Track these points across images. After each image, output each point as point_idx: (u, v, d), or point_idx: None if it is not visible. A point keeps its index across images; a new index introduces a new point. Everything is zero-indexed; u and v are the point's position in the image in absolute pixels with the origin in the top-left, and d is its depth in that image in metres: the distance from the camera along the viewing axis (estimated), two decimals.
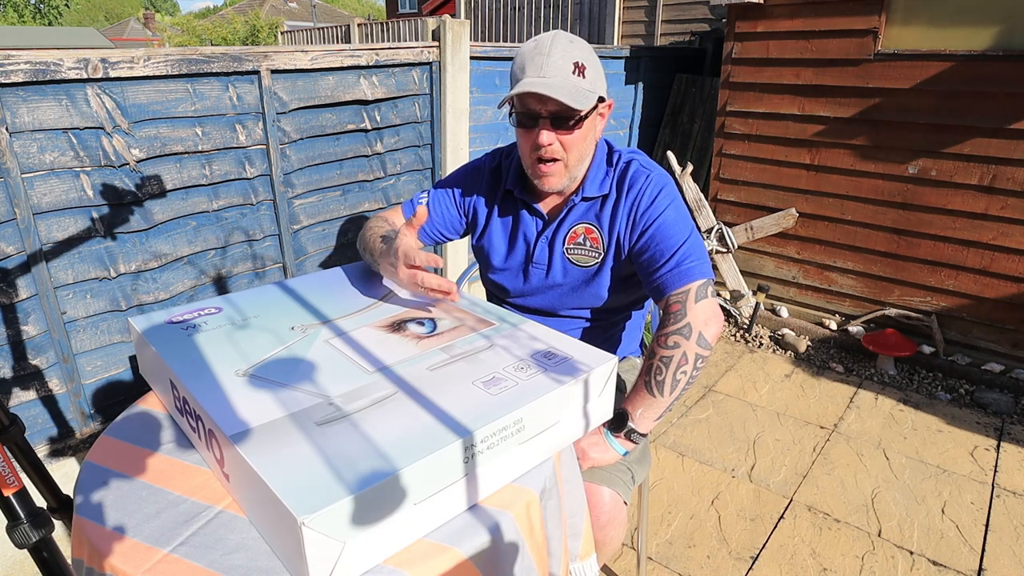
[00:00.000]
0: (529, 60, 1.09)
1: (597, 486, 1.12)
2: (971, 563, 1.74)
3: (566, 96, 1.06)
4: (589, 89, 1.11)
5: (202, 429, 0.84)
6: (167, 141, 1.77)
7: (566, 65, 1.08)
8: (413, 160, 2.51)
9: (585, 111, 1.11)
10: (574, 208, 1.25)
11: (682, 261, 1.12)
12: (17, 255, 1.60)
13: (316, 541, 0.64)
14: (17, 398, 1.69)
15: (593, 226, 1.24)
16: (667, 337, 1.09)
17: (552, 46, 1.08)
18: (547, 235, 1.27)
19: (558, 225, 1.26)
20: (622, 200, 1.21)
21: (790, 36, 2.87)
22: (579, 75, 1.09)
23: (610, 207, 1.22)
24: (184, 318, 1.07)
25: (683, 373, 1.07)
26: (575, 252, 1.25)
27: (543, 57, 1.08)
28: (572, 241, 1.25)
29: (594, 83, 1.12)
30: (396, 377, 0.89)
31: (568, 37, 1.11)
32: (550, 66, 1.08)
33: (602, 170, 1.24)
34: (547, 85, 1.06)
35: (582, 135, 1.14)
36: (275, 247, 2.13)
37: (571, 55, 1.09)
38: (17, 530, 0.72)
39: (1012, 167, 2.45)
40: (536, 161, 1.16)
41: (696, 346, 1.08)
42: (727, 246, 3.12)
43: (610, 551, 1.20)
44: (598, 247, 1.23)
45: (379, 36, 7.00)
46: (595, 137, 1.21)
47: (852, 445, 2.25)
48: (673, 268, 1.12)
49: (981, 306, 2.65)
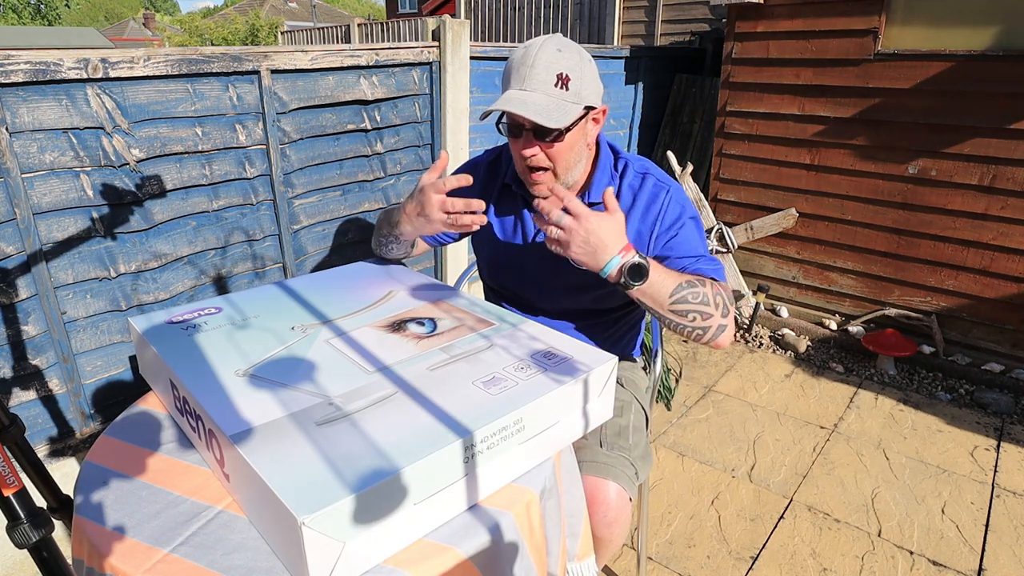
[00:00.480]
0: (514, 70, 1.09)
1: (603, 480, 1.12)
2: (971, 563, 1.74)
3: (541, 116, 1.05)
4: (572, 101, 1.09)
5: (202, 429, 0.84)
6: (167, 141, 1.77)
7: (548, 78, 1.07)
8: (413, 160, 2.51)
9: (564, 126, 1.09)
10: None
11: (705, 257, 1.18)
12: (17, 255, 1.60)
13: (316, 541, 0.64)
14: (17, 398, 1.69)
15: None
16: (716, 293, 1.10)
17: (537, 57, 1.07)
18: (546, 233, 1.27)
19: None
20: (638, 212, 1.21)
21: (790, 36, 2.87)
22: (562, 87, 1.07)
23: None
24: (184, 318, 1.07)
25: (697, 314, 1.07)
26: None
27: (527, 68, 1.07)
28: None
29: (579, 93, 1.10)
30: (396, 377, 0.90)
31: (557, 45, 1.09)
32: (532, 79, 1.07)
33: (607, 175, 1.24)
34: (523, 102, 1.06)
35: (567, 146, 1.13)
36: (275, 247, 2.13)
37: (555, 66, 1.07)
38: (17, 530, 0.72)
39: (1012, 167, 2.45)
40: (526, 169, 1.16)
41: (720, 319, 1.09)
42: (727, 246, 3.12)
43: (614, 549, 1.19)
44: None
45: (379, 36, 7.00)
46: (587, 142, 1.19)
47: (852, 445, 2.25)
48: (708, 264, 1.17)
49: (981, 306, 2.65)
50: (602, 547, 1.15)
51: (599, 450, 1.17)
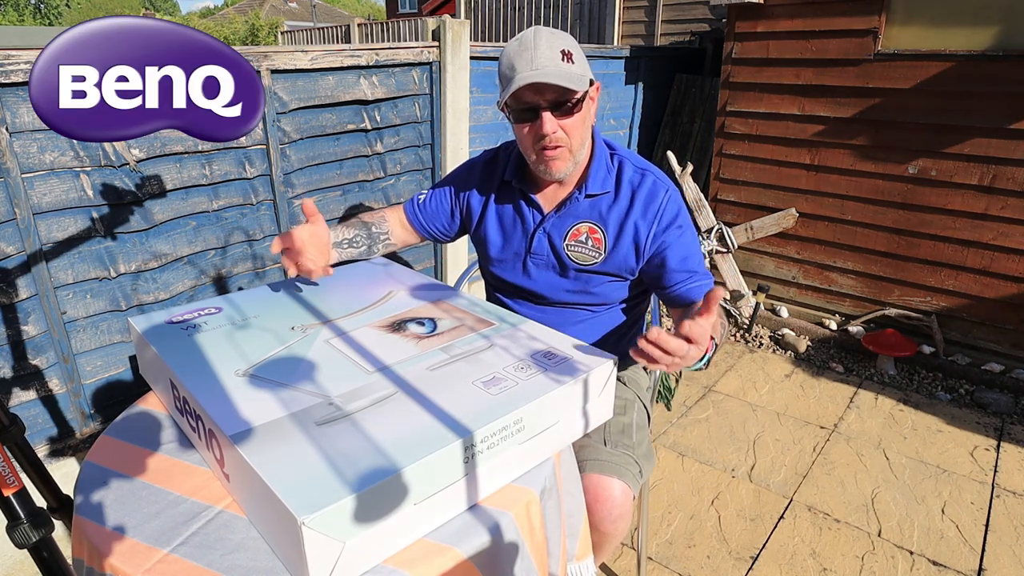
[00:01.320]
0: (517, 57, 1.11)
1: (608, 478, 1.12)
2: (971, 563, 1.74)
3: (564, 80, 1.08)
4: (580, 73, 1.13)
5: (202, 429, 0.84)
6: (167, 141, 1.77)
7: (554, 54, 1.10)
8: (413, 160, 2.51)
9: (581, 93, 1.13)
10: (576, 204, 1.25)
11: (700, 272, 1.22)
12: (17, 255, 1.60)
13: (316, 541, 0.64)
14: (17, 398, 1.69)
15: (597, 226, 1.25)
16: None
17: (536, 39, 1.11)
18: (545, 227, 1.28)
19: (558, 219, 1.27)
20: (636, 209, 1.22)
21: (790, 36, 2.87)
22: (568, 61, 1.12)
23: (619, 211, 1.24)
24: (184, 318, 1.07)
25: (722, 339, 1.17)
26: (575, 249, 1.26)
27: (530, 51, 1.10)
28: (574, 238, 1.26)
29: (583, 67, 1.15)
30: (396, 377, 0.90)
31: (549, 29, 1.13)
32: (540, 58, 1.09)
33: (603, 168, 1.25)
34: (544, 75, 1.08)
35: (581, 118, 1.16)
36: None
37: (557, 44, 1.11)
38: (17, 530, 0.73)
39: (1012, 167, 2.45)
40: (542, 150, 1.17)
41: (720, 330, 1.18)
42: (727, 246, 3.12)
43: (615, 545, 1.20)
44: (600, 247, 1.25)
45: (379, 36, 7.00)
46: (591, 121, 1.23)
47: (852, 445, 2.25)
48: (702, 280, 1.22)
49: (981, 306, 2.65)
50: (606, 543, 1.16)
51: (603, 448, 1.18)
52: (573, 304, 1.31)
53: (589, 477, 1.13)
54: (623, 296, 1.32)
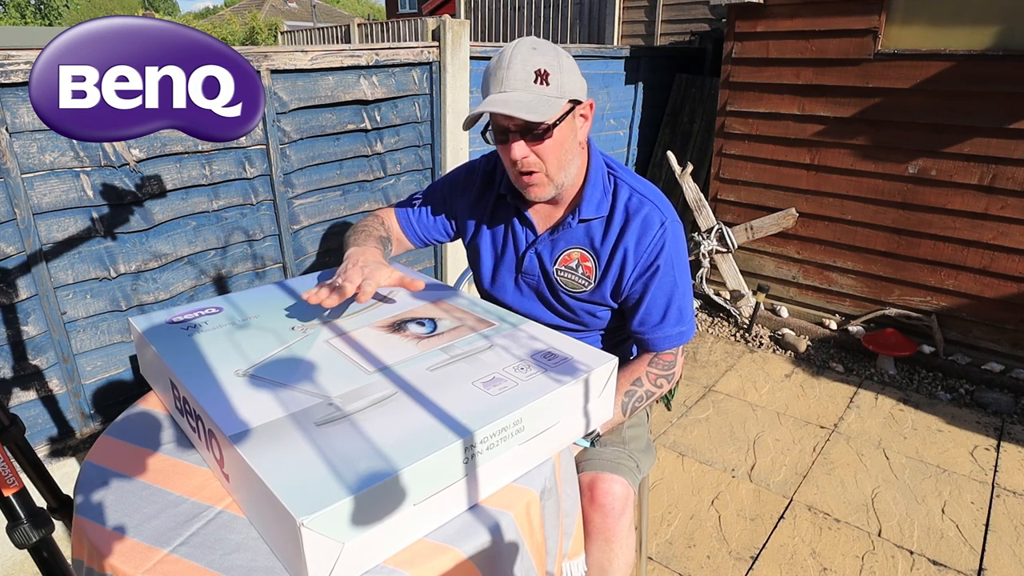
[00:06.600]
0: (492, 75, 1.07)
1: (609, 475, 1.11)
2: (971, 563, 1.74)
3: (524, 111, 1.02)
4: (555, 96, 1.06)
5: (202, 429, 0.84)
6: (167, 141, 1.77)
7: (527, 76, 1.05)
8: (413, 160, 2.51)
9: (551, 120, 1.07)
10: (569, 229, 1.21)
11: (684, 321, 1.20)
12: (17, 255, 1.60)
13: (315, 541, 0.64)
14: (17, 398, 1.69)
15: (588, 254, 1.20)
16: (657, 377, 1.21)
17: (512, 58, 1.05)
18: (536, 249, 1.24)
19: (550, 242, 1.23)
20: (629, 239, 1.16)
21: (790, 36, 2.87)
22: (542, 83, 1.05)
23: (612, 239, 1.18)
24: (184, 318, 1.07)
25: (646, 404, 1.21)
26: (564, 275, 1.22)
27: (503, 71, 1.05)
28: (564, 264, 1.22)
29: (561, 88, 1.07)
30: (396, 377, 0.89)
31: (531, 44, 1.07)
32: (510, 79, 1.05)
33: (599, 190, 1.19)
34: (505, 101, 1.04)
35: (557, 143, 1.10)
36: (275, 247, 2.13)
37: (532, 63, 1.05)
38: (17, 530, 0.72)
39: (1012, 167, 2.45)
40: (518, 174, 1.14)
41: (668, 385, 1.23)
42: (727, 246, 3.12)
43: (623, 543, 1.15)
44: (590, 276, 1.20)
45: (379, 36, 6.99)
46: (577, 140, 1.15)
47: (852, 445, 2.25)
48: (684, 330, 1.20)
49: (981, 306, 2.65)
50: (608, 542, 1.13)
51: (601, 446, 1.17)
52: (561, 327, 1.28)
53: (587, 476, 1.12)
54: (613, 320, 1.28)
